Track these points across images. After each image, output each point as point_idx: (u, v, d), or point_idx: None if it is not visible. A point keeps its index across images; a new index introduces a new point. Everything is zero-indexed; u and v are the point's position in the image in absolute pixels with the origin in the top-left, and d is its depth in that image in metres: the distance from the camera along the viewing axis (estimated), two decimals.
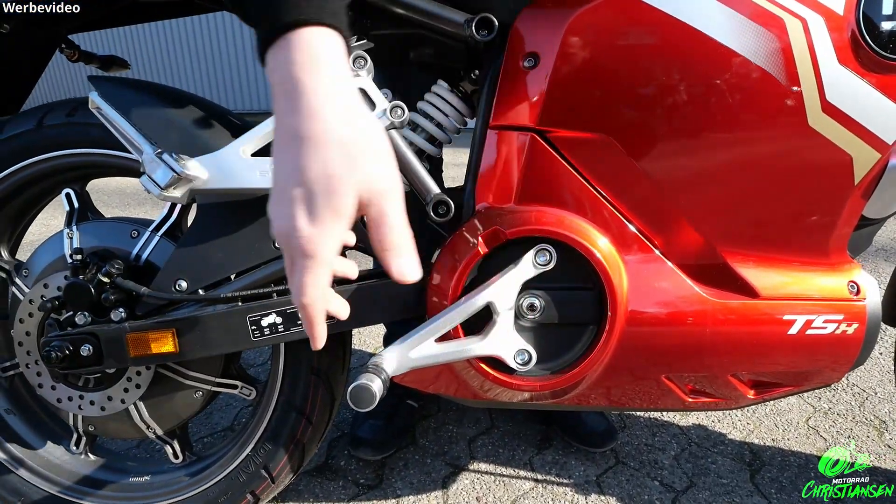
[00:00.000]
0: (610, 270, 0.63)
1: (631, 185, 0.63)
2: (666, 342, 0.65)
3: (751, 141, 0.60)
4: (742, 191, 0.63)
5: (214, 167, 0.62)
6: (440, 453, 1.11)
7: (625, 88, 0.60)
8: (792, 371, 0.69)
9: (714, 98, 0.59)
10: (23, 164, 0.77)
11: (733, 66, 0.57)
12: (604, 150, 0.62)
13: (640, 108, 0.60)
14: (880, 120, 0.59)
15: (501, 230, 0.63)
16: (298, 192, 0.40)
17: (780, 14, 0.56)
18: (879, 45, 0.56)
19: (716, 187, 0.63)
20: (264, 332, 0.71)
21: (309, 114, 0.39)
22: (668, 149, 0.62)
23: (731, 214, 0.64)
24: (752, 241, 0.65)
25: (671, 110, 0.60)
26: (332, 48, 0.40)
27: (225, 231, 0.70)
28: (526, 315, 0.65)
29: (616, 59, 0.59)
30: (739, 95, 0.58)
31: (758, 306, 0.65)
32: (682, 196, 0.63)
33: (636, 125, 0.61)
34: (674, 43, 0.58)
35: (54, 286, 0.75)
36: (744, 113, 0.59)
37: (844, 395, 1.30)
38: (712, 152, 0.61)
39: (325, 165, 0.39)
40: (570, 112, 0.62)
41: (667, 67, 0.58)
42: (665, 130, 0.61)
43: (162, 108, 0.69)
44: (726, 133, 0.60)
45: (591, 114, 0.61)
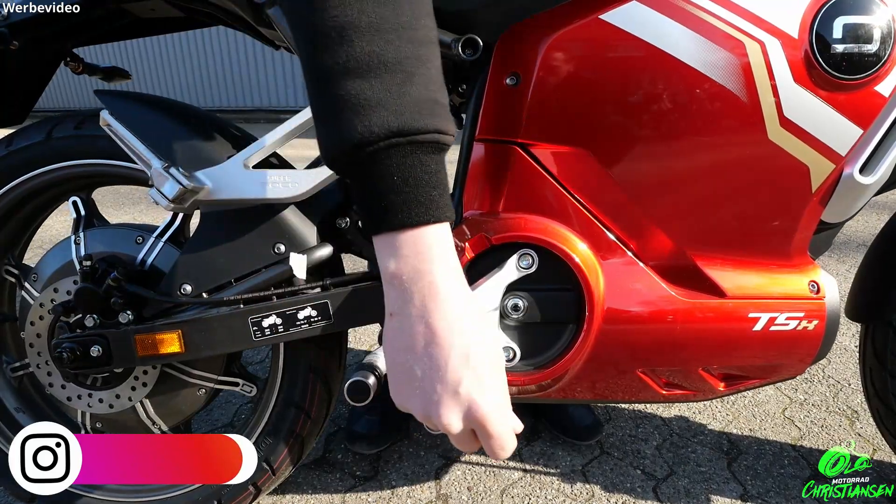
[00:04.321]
0: (588, 273, 0.68)
1: (607, 193, 0.68)
2: (641, 339, 0.71)
3: (716, 153, 0.65)
4: (709, 199, 0.68)
5: (218, 179, 0.67)
6: (433, 446, 1.16)
7: (600, 106, 0.65)
8: (758, 364, 0.75)
9: (681, 114, 0.64)
10: (32, 175, 0.81)
11: (698, 85, 0.62)
12: (582, 162, 0.67)
13: (615, 124, 0.65)
14: (834, 133, 0.64)
15: (487, 236, 0.68)
16: (442, 388, 0.42)
17: (740, 38, 0.61)
18: (831, 66, 0.61)
19: (685, 196, 0.68)
20: (265, 332, 0.75)
21: (446, 317, 0.41)
22: (640, 161, 0.66)
23: (699, 220, 0.69)
24: (720, 244, 0.70)
25: (642, 126, 0.65)
26: (451, 244, 0.42)
27: (227, 237, 0.74)
28: (510, 315, 0.70)
29: (592, 78, 0.64)
30: (704, 112, 0.63)
31: (725, 305, 0.70)
32: (655, 204, 0.68)
33: (611, 139, 0.66)
34: (644, 64, 0.62)
35: (64, 290, 0.79)
36: (708, 128, 0.64)
37: (819, 387, 1.36)
38: (681, 164, 0.66)
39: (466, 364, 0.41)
40: (550, 127, 0.66)
41: (638, 87, 0.63)
42: (637, 144, 0.66)
43: (167, 121, 0.73)
44: (693, 146, 0.65)
45: (570, 129, 0.66)
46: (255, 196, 0.68)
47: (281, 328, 0.75)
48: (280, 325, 0.75)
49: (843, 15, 0.61)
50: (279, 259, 0.74)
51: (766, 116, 0.63)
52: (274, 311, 0.75)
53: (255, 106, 8.45)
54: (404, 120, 0.38)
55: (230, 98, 8.70)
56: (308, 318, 0.75)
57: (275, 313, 0.75)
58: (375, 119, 0.38)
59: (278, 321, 0.75)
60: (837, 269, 2.06)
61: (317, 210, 0.76)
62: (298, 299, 0.75)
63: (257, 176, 0.67)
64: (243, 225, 0.73)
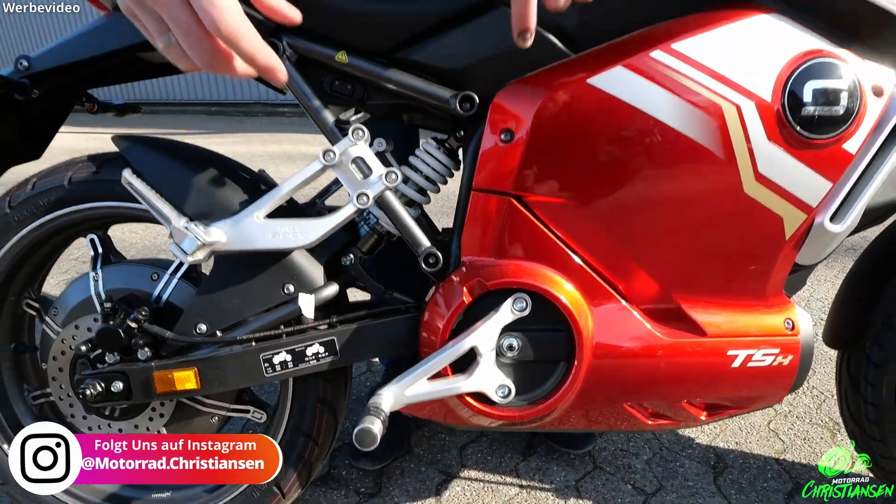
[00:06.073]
0: (577, 315, 0.73)
1: (596, 242, 0.73)
2: (627, 376, 0.76)
3: (696, 205, 0.70)
4: (690, 246, 0.73)
5: (232, 232, 0.71)
6: (433, 461, 1.21)
7: (588, 162, 0.69)
8: (738, 396, 0.80)
9: (663, 170, 0.68)
10: (52, 216, 0.85)
11: (679, 144, 0.67)
12: (572, 213, 0.72)
13: (602, 179, 0.70)
14: (805, 187, 0.69)
15: (483, 282, 0.73)
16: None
17: (717, 101, 0.66)
18: (802, 126, 0.66)
19: (668, 243, 0.73)
20: (276, 368, 0.80)
21: None
22: (626, 212, 0.71)
23: (681, 266, 0.74)
24: (701, 287, 0.75)
25: (628, 181, 0.69)
26: None
27: (239, 279, 0.78)
28: (506, 354, 0.75)
29: (580, 137, 0.69)
30: (684, 168, 0.68)
31: (705, 344, 0.75)
32: (641, 251, 0.73)
33: (599, 193, 0.71)
34: (629, 125, 0.67)
35: (84, 327, 0.84)
36: (688, 182, 0.69)
37: (804, 399, 1.42)
38: (663, 215, 0.71)
39: None
40: (541, 181, 0.71)
41: (623, 145, 0.68)
42: (623, 198, 0.70)
43: (184, 170, 0.77)
44: (674, 199, 0.70)
45: (560, 182, 0.71)
46: (267, 247, 0.72)
47: (291, 364, 0.80)
48: (290, 361, 0.80)
49: (813, 79, 0.65)
50: (288, 299, 0.79)
51: (741, 172, 0.68)
52: (284, 348, 0.80)
53: (254, 99, 8.43)
54: None
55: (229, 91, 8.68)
56: (316, 354, 0.80)
57: (285, 350, 0.80)
58: None
59: (288, 358, 0.80)
60: (826, 274, 2.11)
61: (323, 251, 0.80)
62: (307, 337, 0.80)
63: (269, 227, 0.72)
64: (255, 268, 0.78)
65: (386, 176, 0.73)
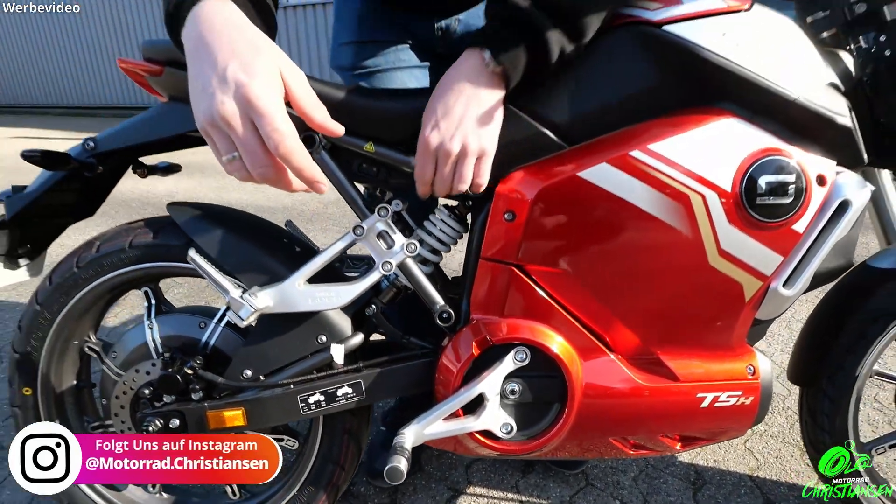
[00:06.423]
0: (569, 365, 0.86)
1: (586, 303, 0.86)
2: (612, 415, 0.89)
3: (669, 275, 0.83)
4: (665, 307, 0.86)
5: (278, 298, 0.84)
6: (442, 478, 1.34)
7: (579, 239, 0.82)
8: (706, 430, 0.93)
9: (641, 247, 0.82)
10: (114, 275, 0.98)
11: (655, 226, 0.80)
12: (566, 280, 0.85)
13: (591, 254, 0.83)
14: (761, 260, 0.82)
15: (489, 338, 0.86)
16: (215, 80, 0.56)
17: (686, 192, 0.79)
18: (757, 212, 0.79)
19: (646, 305, 0.86)
20: (311, 407, 0.93)
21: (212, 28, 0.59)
22: (611, 280, 0.84)
23: (658, 323, 0.87)
24: (675, 340, 0.88)
25: (612, 254, 0.83)
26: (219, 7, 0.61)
27: (279, 333, 0.91)
28: (508, 397, 0.88)
29: (572, 220, 0.82)
30: (659, 245, 0.81)
31: (678, 388, 0.88)
32: (623, 311, 0.86)
33: (589, 264, 0.84)
34: (612, 210, 0.80)
35: (143, 371, 0.97)
36: (662, 257, 0.82)
37: (779, 418, 1.55)
38: (642, 282, 0.84)
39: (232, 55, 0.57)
40: (540, 254, 0.84)
41: (608, 226, 0.81)
42: (609, 269, 0.84)
43: (234, 239, 0.90)
44: (651, 269, 0.83)
45: (556, 256, 0.84)
46: (307, 309, 0.85)
47: (324, 404, 0.93)
48: (323, 401, 0.93)
49: (765, 174, 0.78)
50: (321, 348, 0.92)
51: (707, 249, 0.81)
52: (318, 390, 0.93)
53: None
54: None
55: None
56: (345, 394, 0.93)
57: (318, 392, 0.93)
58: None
59: (321, 398, 0.93)
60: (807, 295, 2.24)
61: (351, 306, 0.93)
62: (337, 380, 0.93)
63: (309, 292, 0.85)
64: (293, 322, 0.91)
65: (406, 246, 0.86)
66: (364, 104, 0.84)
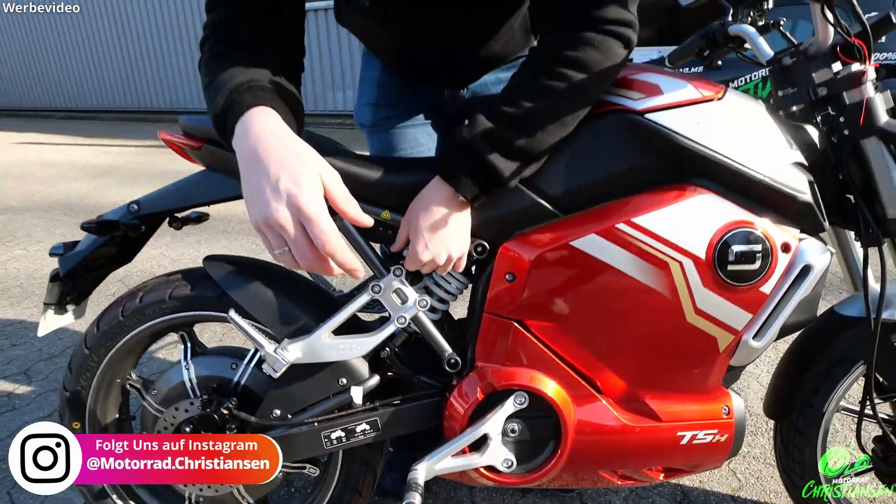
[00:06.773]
0: (563, 407, 0.97)
1: (579, 353, 0.97)
2: (601, 452, 1.00)
3: (651, 330, 0.94)
4: (648, 357, 0.97)
5: (307, 350, 0.95)
6: (448, 498, 1.45)
7: (573, 298, 0.93)
8: (686, 464, 1.04)
9: (626, 306, 0.93)
10: (155, 322, 1.09)
11: (637, 288, 0.91)
12: (561, 333, 0.96)
13: (583, 311, 0.94)
14: (732, 317, 0.93)
15: (493, 384, 0.97)
16: (268, 189, 0.67)
17: (666, 259, 0.89)
18: (728, 277, 0.90)
19: (631, 355, 0.97)
20: (333, 442, 1.04)
21: (261, 140, 0.71)
22: (600, 334, 0.95)
23: (643, 370, 0.98)
24: (657, 384, 0.99)
25: (602, 312, 0.94)
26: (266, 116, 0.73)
27: (305, 377, 1.02)
28: (509, 435, 0.99)
29: (566, 281, 0.93)
30: (641, 305, 0.92)
31: (660, 427, 0.99)
32: (611, 360, 0.97)
33: (581, 321, 0.95)
34: (601, 274, 0.91)
35: (182, 409, 1.08)
36: (645, 315, 0.93)
37: (761, 440, 1.66)
38: (628, 336, 0.95)
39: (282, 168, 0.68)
40: (537, 311, 0.95)
41: (597, 288, 0.92)
42: (599, 323, 0.95)
43: (267, 293, 1.00)
44: (636, 325, 0.94)
45: (552, 313, 0.95)
46: (332, 359, 0.96)
47: (344, 439, 1.04)
48: (343, 437, 1.04)
49: (736, 244, 0.89)
50: (342, 390, 1.03)
51: (684, 308, 0.92)
52: (339, 427, 1.04)
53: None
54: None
55: None
56: (363, 430, 1.04)
57: (340, 429, 1.04)
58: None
59: (342, 434, 1.04)
60: None
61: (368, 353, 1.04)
62: (356, 418, 1.04)
63: (334, 344, 0.96)
64: (317, 368, 1.02)
65: (419, 302, 0.97)
66: (379, 178, 0.95)
